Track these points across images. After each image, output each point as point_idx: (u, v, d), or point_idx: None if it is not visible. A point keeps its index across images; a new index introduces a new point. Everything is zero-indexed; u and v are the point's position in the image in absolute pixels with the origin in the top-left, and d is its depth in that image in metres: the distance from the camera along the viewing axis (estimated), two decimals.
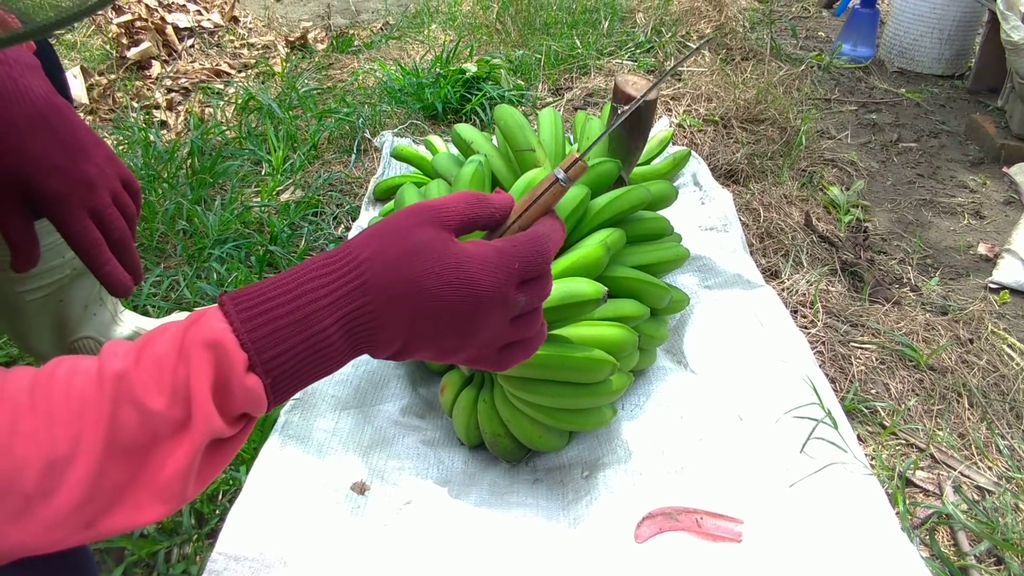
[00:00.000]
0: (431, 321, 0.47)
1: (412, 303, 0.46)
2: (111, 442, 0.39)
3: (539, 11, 2.64)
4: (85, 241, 0.67)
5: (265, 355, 0.42)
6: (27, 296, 0.90)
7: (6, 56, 0.63)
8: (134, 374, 0.40)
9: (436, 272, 0.46)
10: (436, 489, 0.94)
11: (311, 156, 1.76)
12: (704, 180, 1.56)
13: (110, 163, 0.69)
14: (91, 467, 0.39)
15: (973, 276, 1.45)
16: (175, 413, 0.40)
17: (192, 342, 0.41)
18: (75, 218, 0.66)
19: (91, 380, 0.40)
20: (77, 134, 0.67)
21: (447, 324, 0.47)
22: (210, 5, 2.83)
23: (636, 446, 0.97)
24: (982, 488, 0.99)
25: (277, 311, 0.43)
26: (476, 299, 0.47)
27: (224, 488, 0.94)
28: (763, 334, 1.16)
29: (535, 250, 0.50)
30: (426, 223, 0.47)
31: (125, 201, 0.71)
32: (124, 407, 0.39)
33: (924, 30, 2.39)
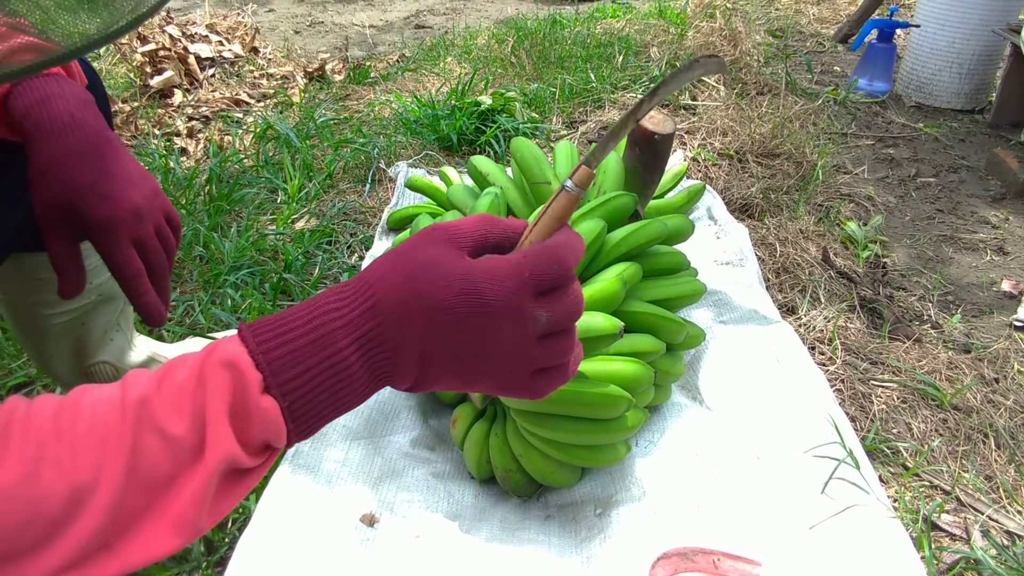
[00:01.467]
0: (444, 338, 0.45)
1: (423, 319, 0.45)
2: (132, 469, 0.39)
3: (554, 45, 2.67)
4: (129, 270, 0.69)
5: (280, 377, 0.42)
6: (53, 320, 0.92)
7: (63, 91, 0.66)
8: (156, 400, 0.41)
9: (443, 285, 0.45)
10: (446, 523, 0.92)
11: (326, 185, 1.78)
12: (719, 214, 1.55)
13: (156, 196, 0.71)
14: (113, 494, 0.39)
15: (997, 313, 1.42)
16: (194, 438, 0.40)
17: (209, 365, 0.42)
18: (121, 247, 0.68)
19: (114, 407, 0.40)
20: (127, 166, 0.69)
21: (461, 341, 0.46)
22: (231, 36, 2.89)
23: (650, 484, 0.95)
24: (1012, 533, 0.95)
25: (292, 334, 0.43)
26: (486, 310, 0.45)
27: (234, 516, 0.93)
28: (780, 371, 1.14)
29: (549, 258, 0.47)
30: (435, 242, 0.47)
31: (166, 234, 0.73)
32: (146, 434, 0.40)
33: (943, 64, 2.39)
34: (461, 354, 0.46)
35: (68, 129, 0.65)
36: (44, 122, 0.65)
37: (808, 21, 3.43)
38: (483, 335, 0.46)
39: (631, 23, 3.03)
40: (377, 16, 4.14)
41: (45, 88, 0.66)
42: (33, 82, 0.65)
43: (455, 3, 4.48)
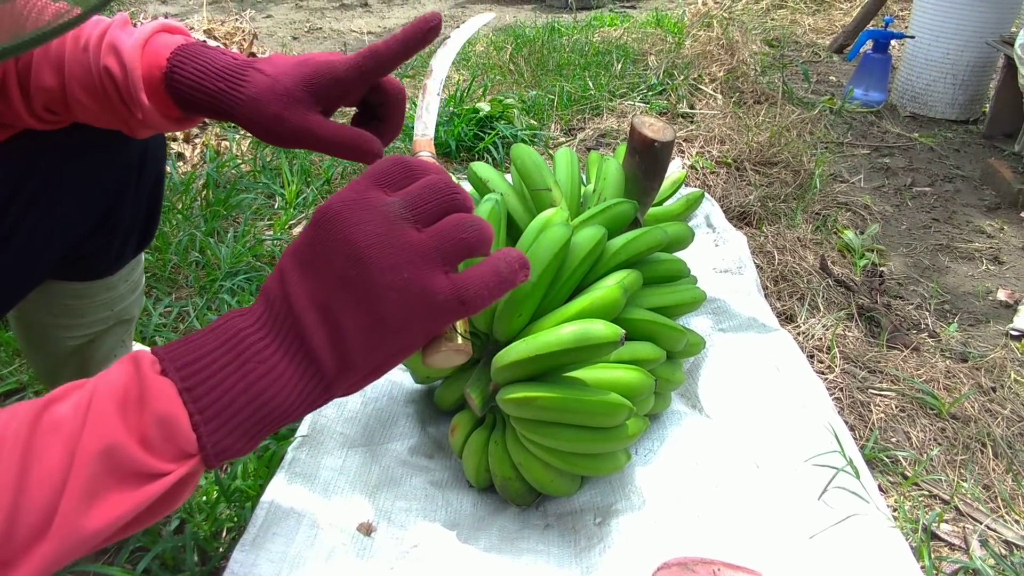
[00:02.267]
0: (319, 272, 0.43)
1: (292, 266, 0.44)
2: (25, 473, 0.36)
3: (552, 53, 2.68)
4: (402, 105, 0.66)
5: (179, 359, 0.40)
6: (68, 341, 0.91)
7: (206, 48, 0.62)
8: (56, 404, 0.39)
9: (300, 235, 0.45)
10: (444, 532, 0.92)
11: (324, 190, 1.77)
12: (717, 222, 1.55)
13: None
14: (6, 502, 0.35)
15: (993, 322, 1.42)
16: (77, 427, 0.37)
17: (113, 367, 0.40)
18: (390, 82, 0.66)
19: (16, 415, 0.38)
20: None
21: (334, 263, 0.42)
22: (229, 42, 2.89)
23: (650, 493, 0.95)
24: (1010, 543, 0.95)
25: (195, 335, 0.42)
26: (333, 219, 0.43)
27: (228, 525, 0.92)
28: (779, 379, 1.14)
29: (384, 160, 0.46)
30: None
31: None
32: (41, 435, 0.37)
33: (937, 75, 2.41)
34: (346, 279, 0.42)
35: (253, 62, 0.61)
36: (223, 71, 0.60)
37: (804, 31, 3.45)
38: (347, 244, 0.42)
39: (629, 32, 3.04)
40: (375, 23, 4.15)
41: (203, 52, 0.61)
42: (192, 47, 0.61)
43: (454, 11, 4.49)
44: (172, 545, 0.87)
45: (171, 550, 0.88)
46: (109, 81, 0.60)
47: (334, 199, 0.45)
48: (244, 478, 0.96)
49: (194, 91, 0.60)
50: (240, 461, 0.98)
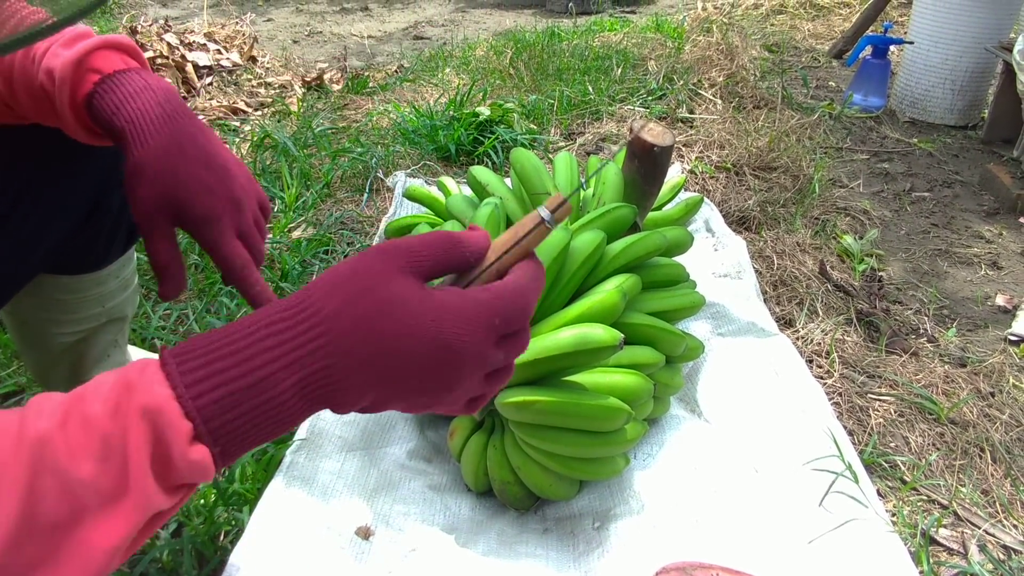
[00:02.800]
0: (403, 383, 0.43)
1: (383, 366, 0.41)
2: (28, 516, 0.34)
3: (552, 57, 2.69)
4: (237, 261, 0.65)
5: (212, 424, 0.38)
6: (60, 338, 0.91)
7: (149, 84, 0.63)
8: (59, 438, 0.35)
9: (409, 332, 0.41)
10: (442, 536, 0.91)
11: (324, 194, 1.77)
12: (717, 226, 1.55)
13: (251, 183, 0.68)
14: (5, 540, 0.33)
15: (992, 328, 1.42)
16: (105, 482, 0.36)
17: (129, 407, 0.37)
18: (227, 238, 0.64)
19: (8, 441, 0.35)
20: (222, 155, 0.66)
21: (420, 384, 0.43)
22: (230, 45, 2.89)
23: (649, 497, 0.95)
24: (1008, 547, 0.95)
25: (227, 374, 0.38)
26: (455, 360, 0.43)
27: (226, 529, 0.92)
28: (778, 384, 1.14)
29: (518, 305, 0.45)
30: (396, 271, 0.43)
31: (262, 224, 0.70)
32: (44, 476, 0.35)
33: (936, 81, 2.42)
34: (414, 391, 0.44)
35: (161, 122, 0.62)
36: (136, 117, 0.61)
37: (803, 37, 3.46)
38: (444, 380, 0.44)
39: (629, 36, 3.05)
40: (375, 27, 4.16)
41: (131, 83, 0.62)
42: (117, 78, 0.62)
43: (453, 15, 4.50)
44: (170, 548, 0.87)
45: (169, 553, 0.87)
46: (43, 93, 0.62)
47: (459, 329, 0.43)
48: (242, 481, 0.96)
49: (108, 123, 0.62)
50: (238, 464, 0.98)
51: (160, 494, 0.37)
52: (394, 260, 0.43)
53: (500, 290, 0.46)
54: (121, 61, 0.64)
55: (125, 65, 0.64)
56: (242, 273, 0.66)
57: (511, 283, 0.46)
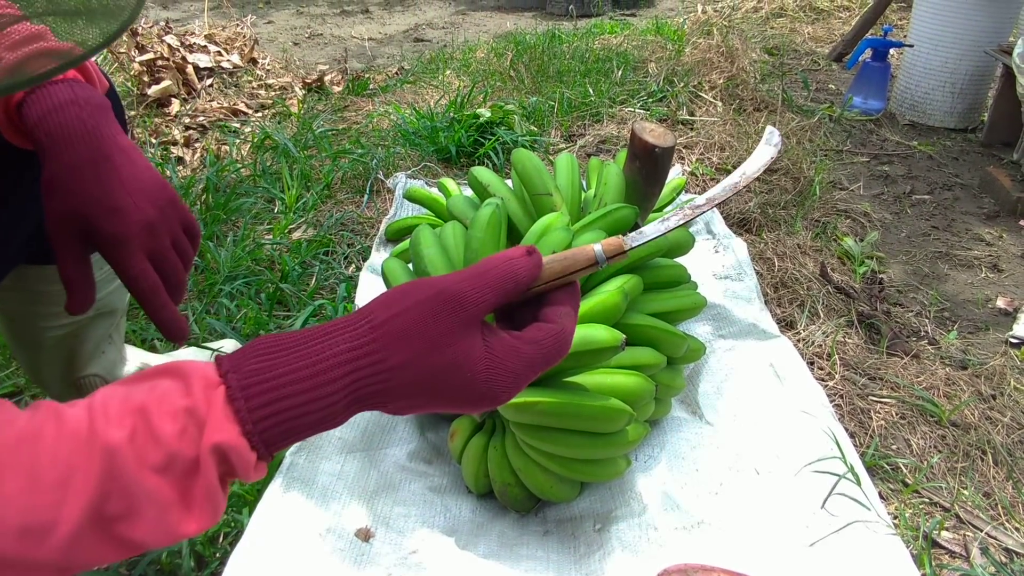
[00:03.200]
0: (442, 408, 0.48)
1: (428, 404, 0.47)
2: (95, 513, 0.38)
3: (552, 60, 2.69)
4: (143, 284, 0.66)
5: (274, 448, 0.43)
6: (49, 332, 0.90)
7: (78, 97, 0.64)
8: (128, 450, 0.39)
9: (464, 389, 0.47)
10: (443, 538, 0.91)
11: (324, 196, 1.77)
12: (718, 228, 1.55)
13: (172, 206, 0.68)
14: (70, 535, 0.38)
15: (993, 330, 1.42)
16: (167, 493, 0.40)
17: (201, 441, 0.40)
18: (134, 261, 0.65)
19: (80, 445, 0.39)
20: (141, 176, 0.66)
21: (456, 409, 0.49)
22: (230, 47, 2.89)
23: (650, 499, 0.94)
24: (1010, 550, 0.95)
25: (293, 412, 0.42)
26: (494, 402, 0.48)
27: (225, 531, 0.91)
28: (780, 385, 1.14)
29: (559, 352, 0.50)
30: (461, 326, 0.46)
31: (184, 246, 0.70)
32: (113, 482, 0.39)
33: (936, 84, 2.42)
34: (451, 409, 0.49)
35: (79, 138, 0.63)
36: (55, 131, 0.62)
37: (803, 40, 3.46)
38: (483, 406, 0.49)
39: (629, 39, 3.05)
40: (376, 29, 4.16)
41: (59, 95, 0.63)
42: (47, 88, 0.63)
43: (454, 17, 4.51)
44: (168, 550, 0.87)
45: (167, 555, 0.87)
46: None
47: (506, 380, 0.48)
48: (241, 483, 0.95)
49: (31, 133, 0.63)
50: None
51: (223, 499, 0.43)
52: (460, 316, 0.46)
53: (548, 344, 0.49)
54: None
55: (61, 75, 0.64)
56: (148, 296, 0.67)
57: (556, 333, 0.50)
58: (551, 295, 0.52)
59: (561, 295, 0.52)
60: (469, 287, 0.47)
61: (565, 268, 0.51)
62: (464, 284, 0.47)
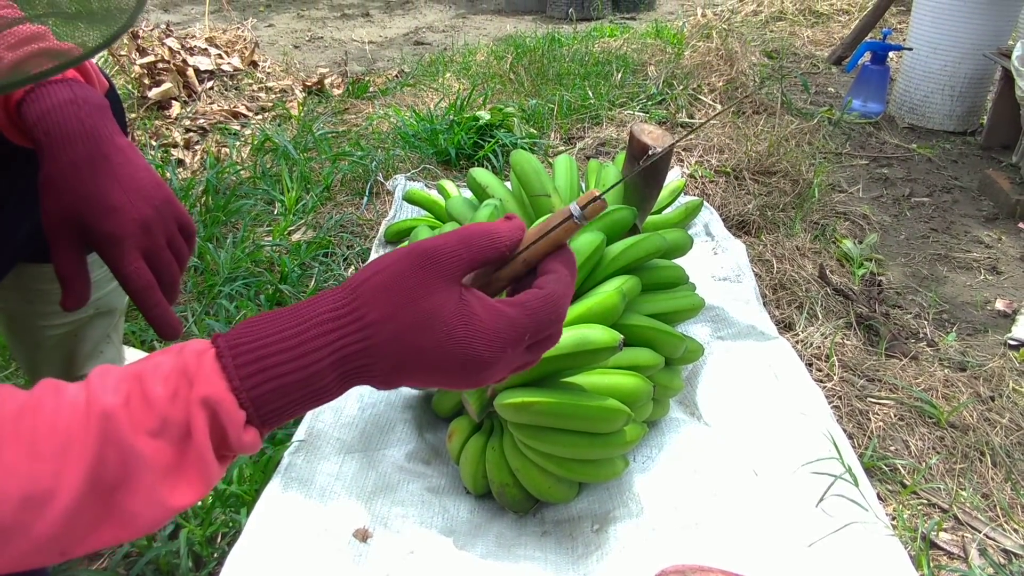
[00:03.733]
0: (432, 381, 0.48)
1: (414, 369, 0.46)
2: (94, 481, 0.39)
3: (552, 63, 2.70)
4: (138, 283, 0.67)
5: (263, 411, 0.43)
6: (48, 331, 0.90)
7: (76, 96, 0.64)
8: (123, 414, 0.40)
9: (442, 348, 0.45)
10: (440, 539, 0.91)
11: (324, 197, 1.78)
12: (716, 230, 1.55)
13: (168, 205, 0.69)
14: (70, 504, 0.38)
15: (991, 332, 1.42)
16: (162, 457, 0.40)
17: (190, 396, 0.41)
18: (128, 259, 0.65)
19: (77, 414, 0.40)
20: (137, 175, 0.66)
21: (448, 382, 0.48)
22: (231, 49, 2.90)
23: (648, 500, 0.94)
24: (1009, 552, 0.95)
25: (278, 369, 0.43)
26: (482, 370, 0.47)
27: (223, 531, 0.91)
28: (778, 387, 1.14)
29: (550, 317, 0.48)
30: (435, 281, 0.46)
31: (179, 245, 0.71)
32: (110, 447, 0.39)
33: (935, 87, 2.42)
34: (440, 384, 0.48)
35: (77, 137, 0.63)
36: (53, 130, 0.63)
37: (803, 43, 3.47)
38: (471, 382, 0.48)
39: (629, 42, 3.06)
40: (376, 32, 4.17)
41: (58, 94, 0.64)
42: (47, 88, 0.64)
43: (454, 21, 4.52)
44: (166, 550, 0.87)
45: (165, 555, 0.87)
46: None
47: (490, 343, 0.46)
48: (240, 483, 0.96)
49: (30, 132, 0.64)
50: (236, 465, 0.98)
51: (217, 468, 0.43)
52: (434, 269, 0.46)
53: (534, 305, 0.48)
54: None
55: (61, 75, 0.65)
56: (143, 295, 0.67)
57: (544, 295, 0.48)
58: (543, 264, 0.51)
59: (552, 262, 0.51)
60: (443, 242, 0.47)
61: (544, 226, 0.50)
62: (438, 240, 0.47)
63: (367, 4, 4.97)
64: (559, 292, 0.49)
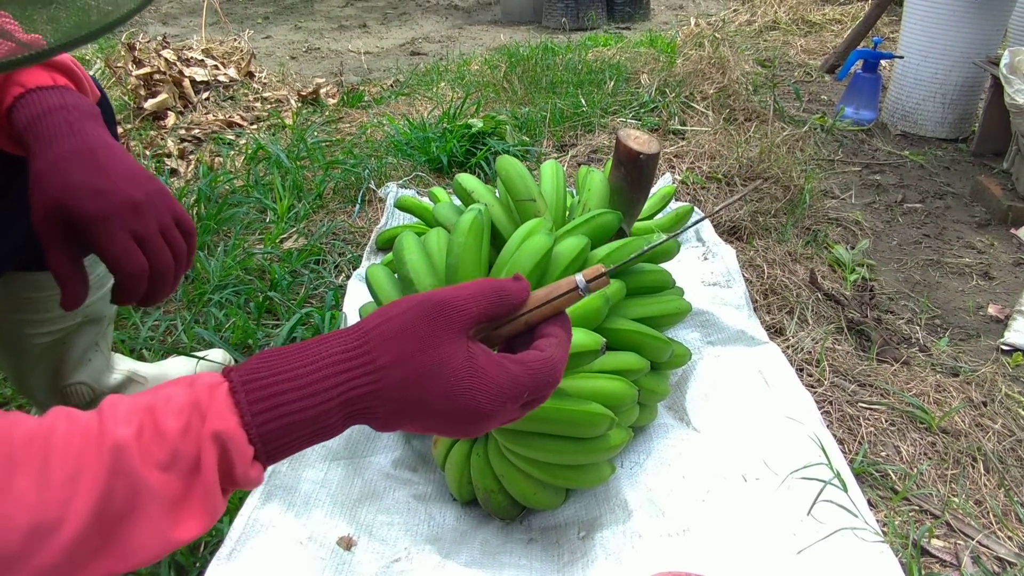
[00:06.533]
0: (432, 427, 0.49)
1: (417, 414, 0.47)
2: (101, 512, 0.39)
3: (545, 71, 2.70)
4: (125, 267, 0.64)
5: (271, 446, 0.44)
6: (35, 339, 0.90)
7: (67, 103, 0.65)
8: (134, 446, 0.40)
9: (447, 397, 0.47)
10: (426, 547, 0.90)
11: (316, 205, 1.77)
12: (707, 236, 1.55)
13: (161, 196, 0.67)
14: (76, 535, 0.38)
15: (984, 337, 1.42)
16: (170, 490, 0.41)
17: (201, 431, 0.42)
18: (117, 239, 0.63)
19: (89, 445, 0.40)
20: (125, 165, 0.65)
21: (447, 429, 0.49)
22: (227, 61, 2.91)
23: (636, 506, 0.93)
24: (1002, 559, 0.94)
25: (290, 407, 0.44)
26: (481, 421, 0.48)
27: (206, 539, 0.90)
28: (768, 392, 1.13)
29: (548, 380, 0.50)
30: (444, 334, 0.47)
31: (173, 235, 0.68)
32: (120, 478, 0.39)
33: (926, 94, 2.43)
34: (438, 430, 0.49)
35: (66, 136, 0.64)
36: (42, 132, 0.63)
37: (795, 52, 3.48)
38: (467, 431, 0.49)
39: (622, 51, 3.07)
40: (373, 43, 4.19)
41: (48, 100, 0.64)
42: (37, 94, 0.64)
43: (450, 31, 4.54)
44: None
45: None
46: None
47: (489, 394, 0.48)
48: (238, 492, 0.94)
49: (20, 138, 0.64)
50: None
51: (222, 502, 0.43)
52: (444, 320, 0.48)
53: (536, 366, 0.50)
54: (49, 78, 0.66)
55: (52, 82, 0.65)
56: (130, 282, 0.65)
57: (546, 359, 0.50)
58: (543, 327, 0.53)
59: (552, 326, 0.53)
60: (453, 295, 0.49)
61: (549, 292, 0.53)
62: (449, 293, 0.49)
63: (364, 16, 5.00)
64: (558, 357, 0.51)
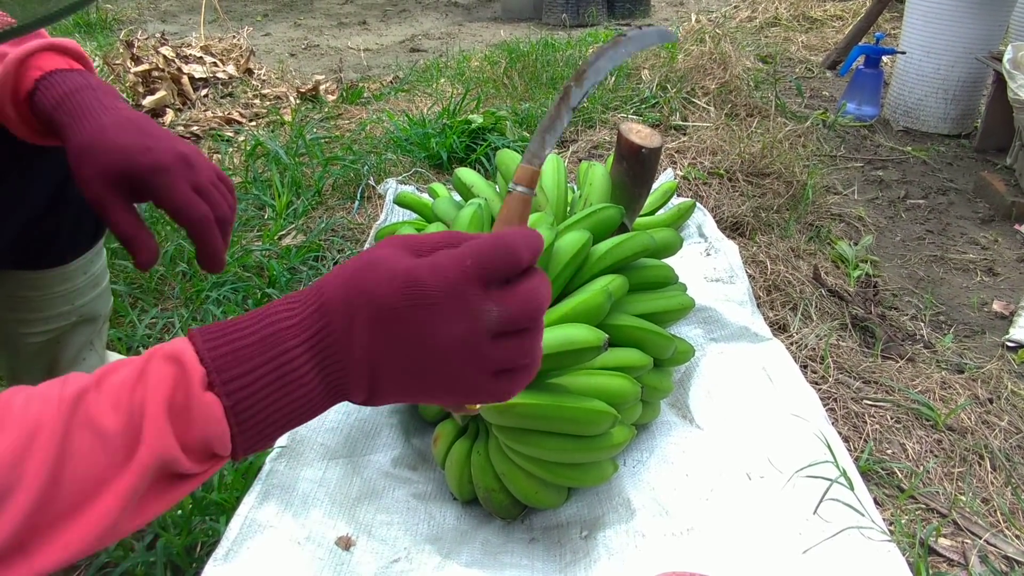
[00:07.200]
0: (391, 337, 0.43)
1: (367, 315, 0.43)
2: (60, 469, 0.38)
3: (545, 67, 2.69)
4: (195, 212, 0.64)
5: (225, 374, 0.41)
6: (29, 338, 0.89)
7: (91, 83, 0.65)
8: (92, 396, 0.39)
9: (386, 280, 0.42)
10: (426, 547, 0.89)
11: (315, 202, 1.76)
12: (709, 232, 1.54)
13: (200, 156, 0.67)
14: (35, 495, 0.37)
15: (989, 334, 1.40)
16: (129, 434, 0.39)
17: (152, 360, 0.41)
18: (180, 187, 0.63)
19: (48, 404, 0.39)
20: (164, 129, 0.67)
21: (407, 339, 0.43)
22: (226, 58, 2.89)
23: (639, 505, 0.92)
24: (1010, 558, 0.92)
25: (240, 333, 0.42)
26: (429, 303, 0.42)
27: (203, 539, 0.89)
28: (772, 389, 1.12)
29: (495, 246, 0.43)
30: (388, 245, 0.46)
31: (221, 188, 0.68)
32: (77, 431, 0.38)
33: (929, 90, 2.41)
34: (410, 354, 0.43)
35: (100, 111, 0.64)
36: (75, 110, 0.63)
37: (797, 48, 3.47)
38: (429, 330, 0.42)
39: None
40: (372, 40, 4.17)
41: (72, 81, 0.64)
42: (59, 76, 0.64)
43: (450, 28, 4.52)
44: (143, 561, 0.85)
45: (142, 566, 0.85)
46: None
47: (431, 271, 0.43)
48: (220, 491, 0.93)
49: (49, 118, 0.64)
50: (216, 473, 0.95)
51: (175, 445, 0.40)
52: (390, 240, 0.46)
53: (474, 240, 0.45)
54: (64, 62, 0.66)
55: (68, 66, 0.66)
56: (200, 226, 0.65)
57: (487, 234, 0.46)
58: None
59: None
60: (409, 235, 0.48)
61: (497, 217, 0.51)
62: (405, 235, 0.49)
63: (364, 13, 4.99)
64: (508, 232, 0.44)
